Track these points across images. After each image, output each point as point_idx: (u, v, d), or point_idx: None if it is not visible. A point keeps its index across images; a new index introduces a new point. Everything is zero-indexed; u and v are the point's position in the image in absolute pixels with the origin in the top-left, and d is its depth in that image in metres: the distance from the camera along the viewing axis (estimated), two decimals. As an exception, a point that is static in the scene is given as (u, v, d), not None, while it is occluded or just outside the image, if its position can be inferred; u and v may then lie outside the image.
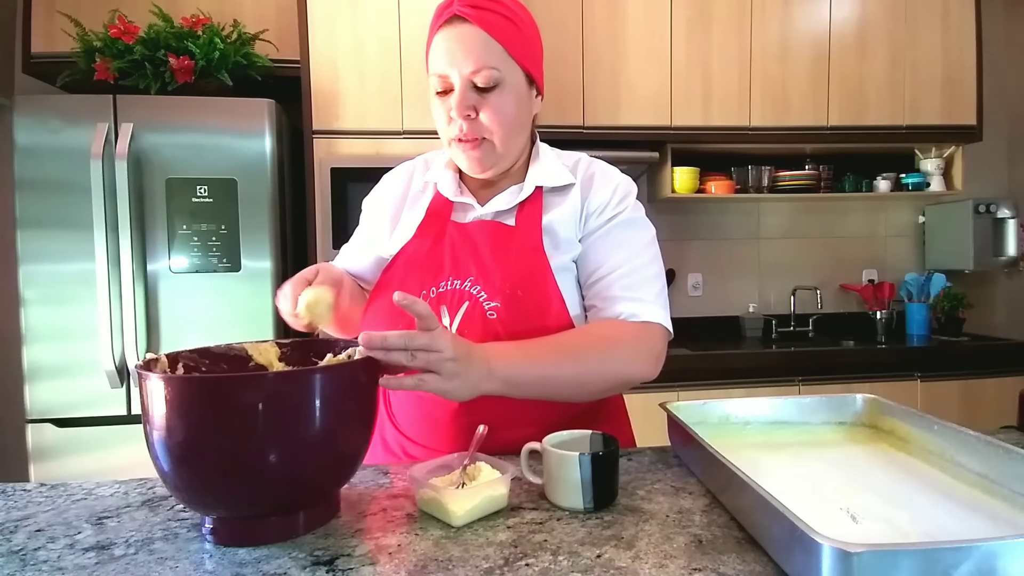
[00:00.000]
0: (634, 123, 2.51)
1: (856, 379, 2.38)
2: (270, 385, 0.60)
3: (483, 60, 0.84)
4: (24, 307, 1.90)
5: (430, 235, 0.93)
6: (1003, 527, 0.58)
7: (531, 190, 0.93)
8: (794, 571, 0.51)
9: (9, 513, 0.70)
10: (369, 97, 2.20)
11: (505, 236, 0.91)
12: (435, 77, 0.87)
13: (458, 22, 0.84)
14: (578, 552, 0.58)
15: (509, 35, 0.86)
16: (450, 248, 0.91)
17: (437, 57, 0.86)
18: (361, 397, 0.67)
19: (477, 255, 0.90)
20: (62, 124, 1.90)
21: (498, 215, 0.94)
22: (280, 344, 0.78)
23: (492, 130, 0.87)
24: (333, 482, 0.67)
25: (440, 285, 0.89)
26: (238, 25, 2.16)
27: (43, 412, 1.92)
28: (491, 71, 0.84)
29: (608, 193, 0.93)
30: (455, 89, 0.85)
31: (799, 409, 0.90)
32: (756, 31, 2.57)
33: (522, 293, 0.86)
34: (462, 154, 0.89)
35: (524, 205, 0.92)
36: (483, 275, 0.88)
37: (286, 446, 0.60)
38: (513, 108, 0.88)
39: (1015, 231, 2.73)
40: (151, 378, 0.59)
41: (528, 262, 0.88)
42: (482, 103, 0.86)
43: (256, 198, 2.00)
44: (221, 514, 0.62)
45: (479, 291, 0.87)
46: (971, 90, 2.67)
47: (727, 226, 2.96)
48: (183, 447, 0.58)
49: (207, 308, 1.98)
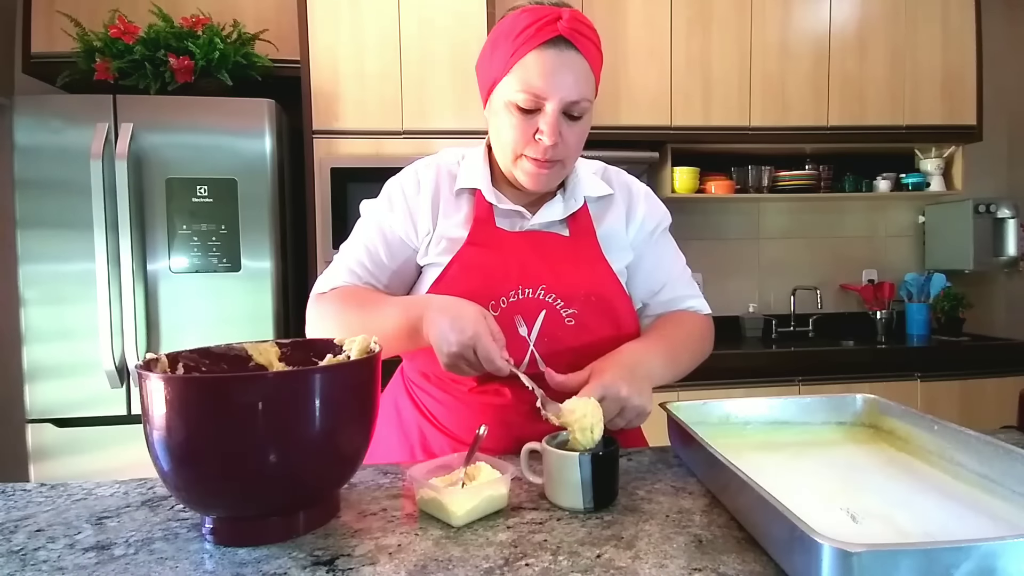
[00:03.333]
0: (634, 123, 2.51)
1: (856, 379, 2.38)
2: (270, 385, 0.60)
3: (584, 92, 0.85)
4: (24, 307, 1.90)
5: (483, 243, 0.91)
6: (1003, 527, 0.58)
7: (581, 201, 0.95)
8: (794, 571, 0.51)
9: (9, 513, 0.70)
10: (369, 97, 2.20)
11: (565, 246, 0.93)
12: (526, 94, 0.83)
13: (564, 45, 0.83)
14: (578, 552, 0.58)
15: (598, 67, 0.88)
16: (515, 257, 0.90)
17: (534, 74, 0.83)
18: (361, 397, 0.67)
19: (547, 264, 0.91)
20: (62, 124, 1.90)
21: (549, 225, 0.94)
22: (280, 344, 0.78)
23: (569, 155, 0.89)
24: (333, 482, 0.67)
25: (510, 295, 0.89)
26: (238, 25, 2.16)
27: (43, 412, 1.92)
28: (587, 103, 0.86)
29: (650, 203, 1.01)
30: (546, 111, 0.84)
31: (799, 409, 0.89)
32: (756, 31, 2.57)
33: (596, 299, 0.90)
34: (533, 171, 0.88)
35: (575, 216, 0.95)
36: (556, 283, 0.89)
37: (286, 446, 0.60)
38: (587, 134, 0.90)
39: (1015, 231, 2.73)
40: (151, 378, 0.59)
41: (595, 269, 0.93)
42: (569, 131, 0.86)
43: (256, 198, 2.00)
44: (221, 514, 0.62)
45: (555, 299, 0.89)
46: (971, 90, 2.67)
47: (727, 226, 2.96)
48: (183, 447, 0.58)
49: (207, 308, 1.98)
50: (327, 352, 0.77)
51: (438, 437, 0.94)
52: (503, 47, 0.85)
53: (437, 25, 2.22)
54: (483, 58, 0.91)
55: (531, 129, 0.85)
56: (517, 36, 0.83)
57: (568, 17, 0.83)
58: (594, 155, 1.03)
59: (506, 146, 0.88)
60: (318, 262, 2.17)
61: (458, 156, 0.99)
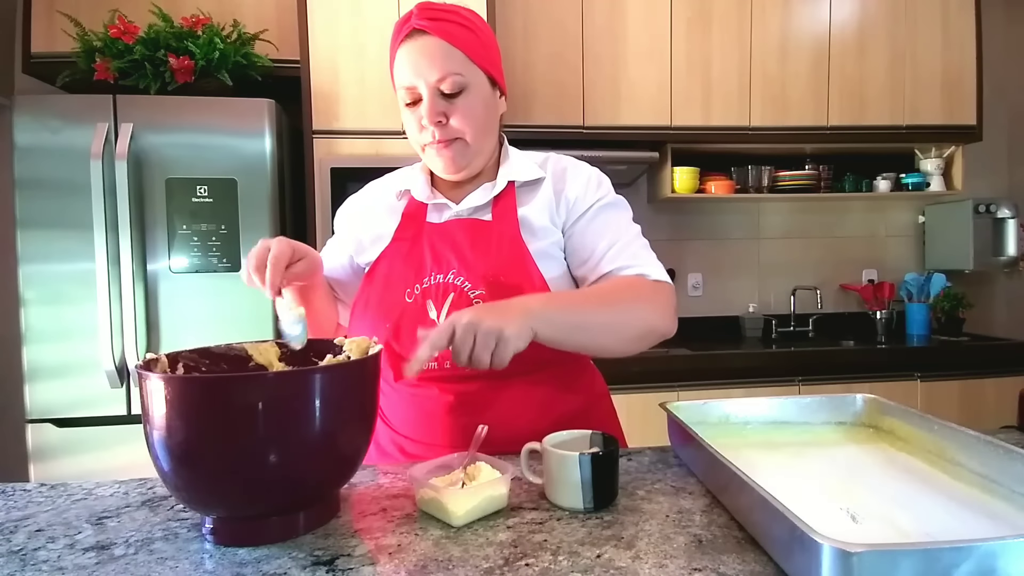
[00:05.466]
0: (634, 123, 2.51)
1: (856, 379, 2.38)
2: (270, 385, 0.60)
3: (447, 68, 0.88)
4: (24, 307, 1.90)
5: (408, 237, 0.97)
6: (1003, 527, 0.58)
7: (503, 185, 0.97)
8: (794, 571, 0.51)
9: (9, 513, 0.70)
10: (369, 97, 2.20)
11: (483, 229, 0.95)
12: (403, 90, 0.91)
13: (418, 35, 0.89)
14: (578, 552, 0.58)
15: (468, 42, 0.90)
16: (430, 246, 0.95)
17: (402, 70, 0.90)
18: (361, 397, 0.67)
19: (458, 249, 0.94)
20: (62, 124, 1.90)
21: (474, 212, 0.97)
22: (280, 344, 0.78)
23: (463, 131, 0.92)
24: (333, 482, 0.67)
25: (424, 281, 0.92)
26: (238, 25, 2.16)
27: (43, 412, 1.92)
28: (456, 77, 0.89)
29: (584, 181, 0.98)
30: (423, 98, 0.90)
31: (799, 409, 0.89)
32: (756, 31, 2.57)
33: (504, 279, 0.91)
34: (436, 156, 0.93)
35: (498, 200, 0.97)
36: (465, 266, 0.92)
37: (286, 446, 0.60)
38: (481, 109, 0.92)
39: (1015, 231, 2.73)
40: (151, 378, 0.59)
41: (508, 251, 0.93)
42: (451, 109, 0.90)
43: (256, 198, 2.00)
44: (221, 514, 0.62)
45: (463, 281, 0.91)
46: (971, 90, 2.67)
47: (727, 226, 2.96)
48: (183, 447, 0.58)
49: (207, 308, 1.98)
50: (327, 352, 0.78)
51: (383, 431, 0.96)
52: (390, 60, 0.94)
53: (437, 25, 2.22)
54: None
55: (419, 118, 0.91)
56: (391, 46, 0.93)
57: (417, 11, 0.90)
58: (594, 155, 1.03)
59: (413, 143, 0.96)
60: (318, 262, 2.17)
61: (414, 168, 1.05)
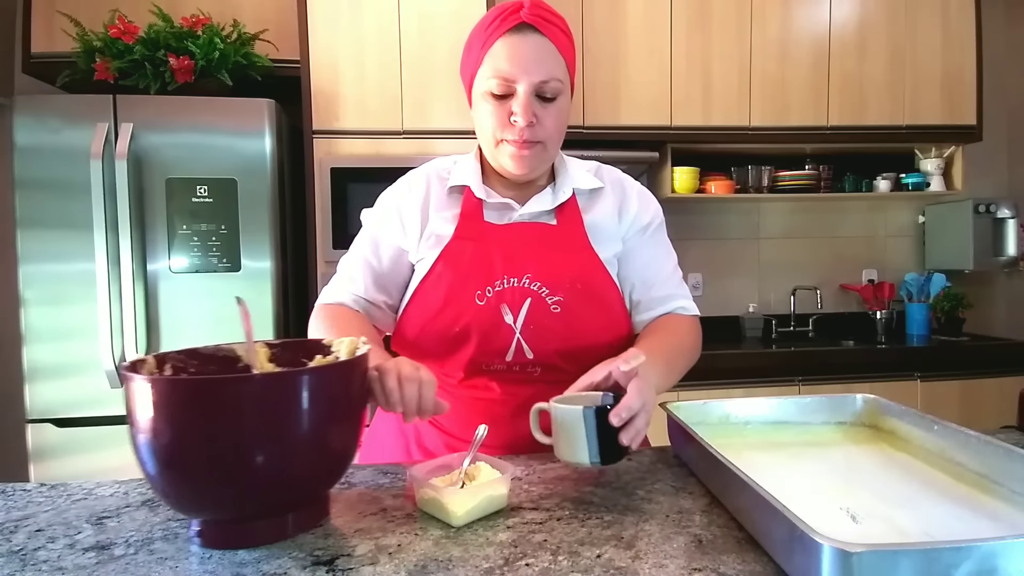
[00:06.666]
0: (634, 123, 2.51)
1: (856, 379, 2.38)
2: (258, 386, 0.59)
3: (552, 72, 0.87)
4: (24, 307, 1.90)
5: (470, 236, 0.94)
6: (1003, 527, 0.58)
7: (570, 192, 0.97)
8: (794, 571, 0.51)
9: (9, 513, 0.70)
10: (369, 97, 2.20)
11: (552, 235, 0.94)
12: (497, 79, 0.87)
13: (528, 30, 0.87)
14: (578, 552, 0.58)
15: (569, 51, 0.91)
16: (499, 248, 0.92)
17: (501, 60, 0.87)
18: (349, 399, 0.66)
19: (530, 252, 0.92)
20: (62, 124, 1.90)
21: (538, 216, 0.96)
22: (270, 344, 0.77)
23: (549, 136, 0.91)
24: (322, 484, 0.67)
25: (496, 284, 0.91)
26: (238, 25, 2.16)
27: (43, 412, 1.92)
28: (556, 83, 0.88)
29: (642, 201, 1.02)
30: (518, 94, 0.87)
31: (799, 409, 0.89)
32: (756, 31, 2.56)
33: (581, 286, 0.91)
34: (513, 155, 0.90)
35: (563, 206, 0.96)
36: (541, 271, 0.91)
37: (274, 448, 0.59)
38: (566, 118, 0.93)
39: (1015, 231, 2.73)
40: (136, 380, 0.57)
41: (581, 257, 0.94)
42: (544, 112, 0.89)
43: (256, 198, 2.00)
44: (209, 517, 0.61)
45: (540, 287, 0.91)
46: (971, 90, 2.67)
47: (727, 226, 2.96)
48: (169, 450, 0.57)
49: (207, 308, 1.98)
50: (317, 353, 0.77)
51: (433, 434, 0.96)
52: (476, 43, 0.91)
53: (437, 25, 2.22)
54: (463, 59, 0.96)
55: (506, 113, 0.88)
56: (485, 29, 0.90)
57: (529, 5, 0.88)
58: (594, 155, 1.04)
59: (487, 134, 0.91)
60: (318, 262, 2.17)
61: (450, 161, 1.02)
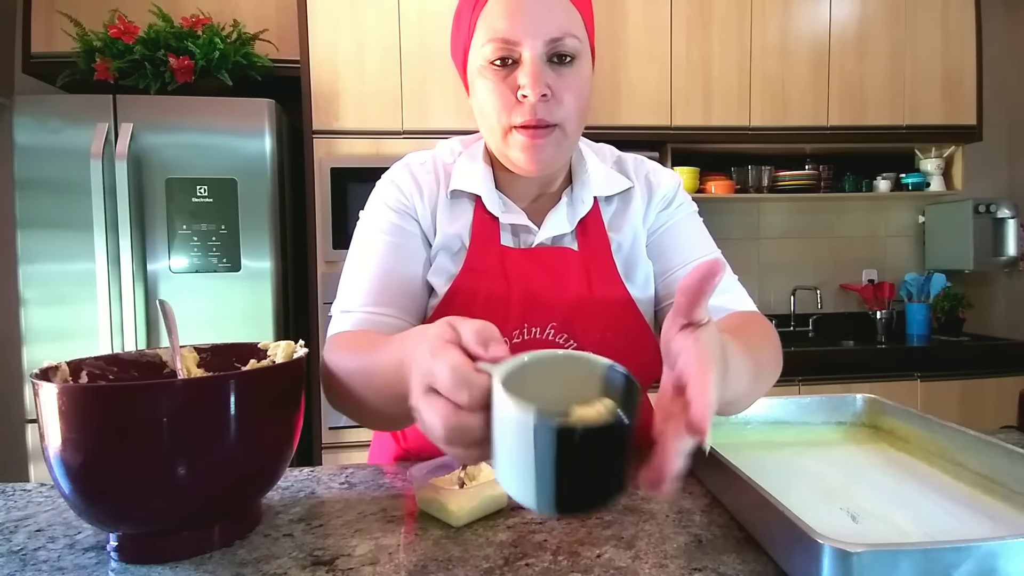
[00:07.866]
0: (634, 123, 2.51)
1: (856, 379, 2.38)
2: (179, 394, 0.54)
3: (566, 26, 0.68)
4: (24, 307, 1.90)
5: (483, 268, 0.76)
6: (1003, 527, 0.58)
7: (590, 203, 0.79)
8: (794, 571, 0.51)
9: (9, 513, 0.70)
10: (369, 97, 2.20)
11: (575, 265, 0.78)
12: (494, 44, 0.68)
13: None
14: (578, 552, 0.58)
15: (585, 5, 0.72)
16: (519, 286, 0.76)
17: (498, 17, 0.67)
18: (281, 404, 0.62)
19: (557, 295, 0.76)
20: (62, 124, 1.90)
21: (560, 239, 0.80)
22: (199, 349, 0.73)
23: (568, 115, 0.70)
24: (252, 493, 0.63)
25: (515, 335, 0.75)
26: (238, 25, 2.16)
27: (43, 412, 1.92)
28: (573, 40, 0.68)
29: (673, 183, 0.86)
30: (524, 61, 0.68)
31: (799, 409, 0.89)
32: (756, 31, 2.56)
33: (612, 335, 0.77)
34: (527, 142, 0.70)
35: (584, 223, 0.79)
36: (568, 320, 0.76)
37: (198, 459, 0.55)
38: (588, 91, 0.72)
39: (1015, 231, 2.73)
40: (44, 387, 0.53)
41: (611, 295, 0.78)
42: (559, 81, 0.69)
43: (256, 198, 2.00)
44: (128, 531, 0.58)
45: (566, 339, 0.76)
46: (971, 90, 2.67)
47: (727, 226, 2.96)
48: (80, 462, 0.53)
49: (207, 308, 1.98)
50: (251, 357, 0.73)
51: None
52: (463, 10, 0.73)
53: (437, 25, 2.22)
54: (452, 35, 0.77)
55: (511, 88, 0.69)
56: None
57: None
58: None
59: (491, 119, 0.72)
60: (318, 262, 2.17)
61: (454, 151, 0.83)
